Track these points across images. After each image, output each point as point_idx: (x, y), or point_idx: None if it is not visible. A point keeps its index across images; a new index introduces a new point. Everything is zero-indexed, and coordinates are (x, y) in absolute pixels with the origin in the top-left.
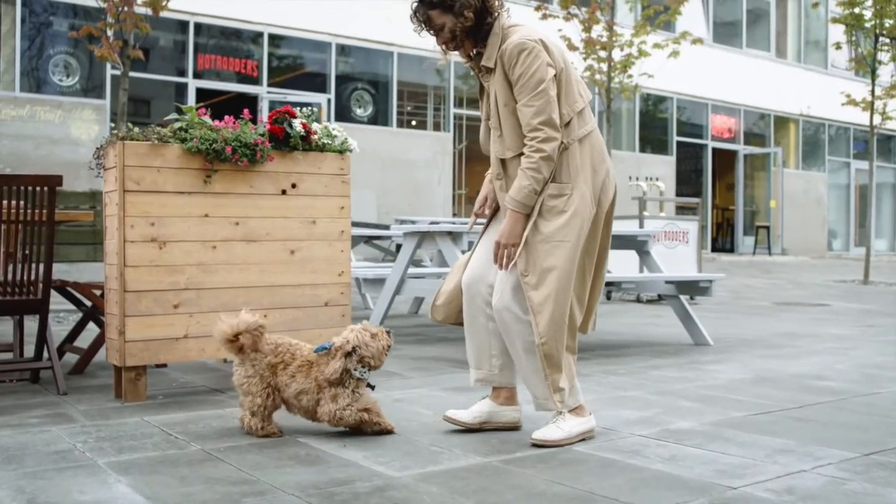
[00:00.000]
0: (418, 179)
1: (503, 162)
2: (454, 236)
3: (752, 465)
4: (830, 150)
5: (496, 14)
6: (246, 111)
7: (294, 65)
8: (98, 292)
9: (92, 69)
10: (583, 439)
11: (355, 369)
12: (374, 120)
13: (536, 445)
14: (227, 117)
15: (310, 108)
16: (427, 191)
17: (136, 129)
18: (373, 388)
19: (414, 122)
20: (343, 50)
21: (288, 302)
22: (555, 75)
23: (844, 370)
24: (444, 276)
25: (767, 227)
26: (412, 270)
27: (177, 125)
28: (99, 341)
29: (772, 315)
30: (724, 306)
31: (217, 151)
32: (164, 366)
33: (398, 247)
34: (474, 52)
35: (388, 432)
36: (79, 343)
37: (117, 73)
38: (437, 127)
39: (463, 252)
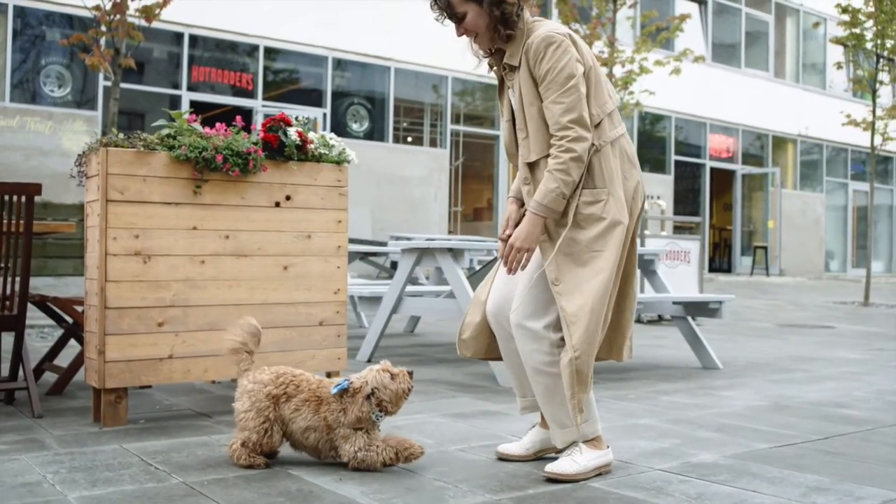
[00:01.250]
0: (414, 196)
1: (530, 166)
2: (455, 253)
3: None
4: (828, 170)
5: (522, 7)
6: (238, 118)
7: (290, 79)
8: (79, 308)
9: (84, 80)
10: (599, 474)
11: (371, 412)
12: (370, 135)
13: (549, 480)
14: (218, 124)
15: (306, 117)
16: (423, 208)
17: (122, 136)
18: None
19: (410, 139)
20: (339, 64)
21: (280, 321)
22: (584, 73)
23: (865, 398)
24: (443, 294)
25: (765, 248)
26: (410, 288)
27: (164, 132)
28: (79, 360)
29: (777, 337)
30: (727, 328)
31: (207, 160)
32: (149, 386)
33: (394, 264)
34: (494, 48)
35: (421, 454)
36: (59, 361)
37: (109, 83)
38: (433, 143)
39: (464, 270)
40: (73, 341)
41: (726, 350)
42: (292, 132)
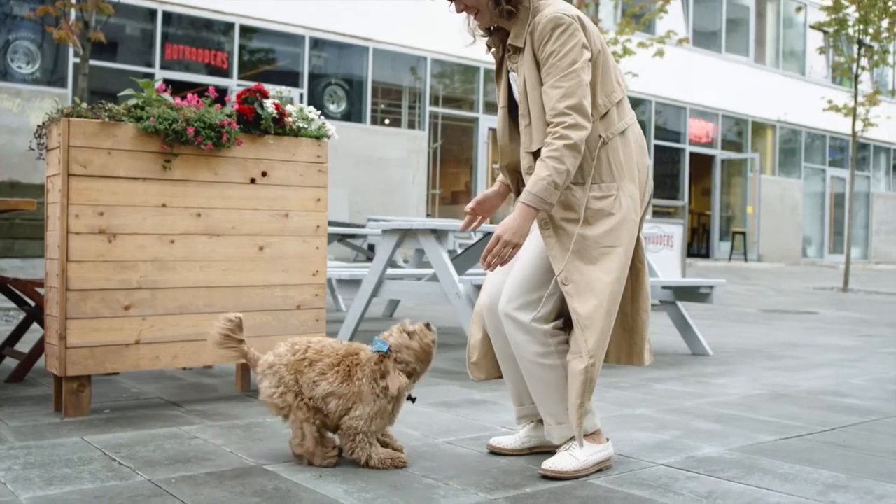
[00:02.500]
0: (392, 178)
1: (534, 156)
2: (438, 234)
3: None
4: (806, 157)
5: None
6: (211, 89)
7: (266, 59)
8: (41, 290)
9: (54, 57)
10: (599, 469)
11: (409, 387)
12: (347, 117)
13: (546, 477)
14: (189, 95)
15: (283, 90)
16: (401, 190)
17: (85, 105)
18: (413, 400)
19: (388, 121)
20: (317, 44)
21: (255, 304)
22: (590, 59)
23: (863, 386)
24: (426, 277)
25: (744, 233)
26: (390, 271)
27: (132, 102)
28: (41, 346)
29: (762, 323)
30: (711, 313)
31: (177, 132)
32: (116, 374)
33: (371, 246)
34: (494, 26)
35: (405, 466)
36: (21, 347)
37: (79, 60)
38: (412, 125)
39: (449, 252)
40: (36, 325)
41: (713, 336)
42: (269, 104)
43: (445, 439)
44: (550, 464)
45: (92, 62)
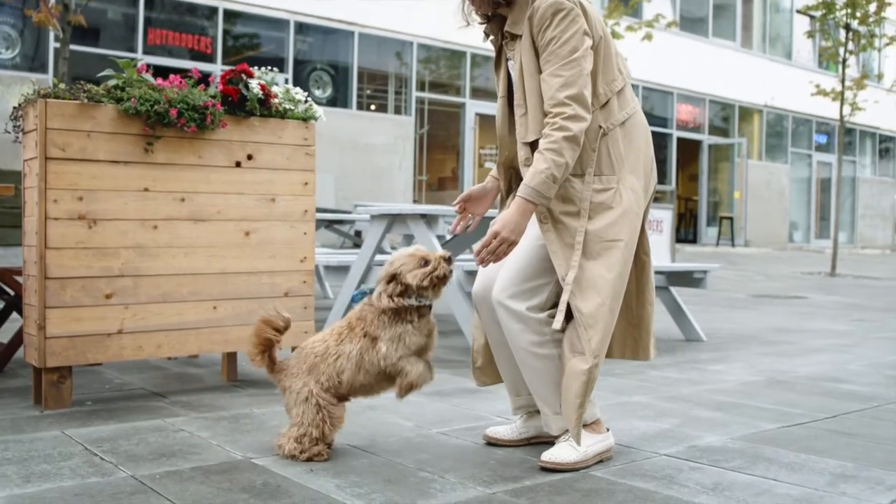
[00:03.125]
0: (378, 164)
1: (531, 147)
2: (428, 219)
3: (818, 498)
4: (793, 142)
5: None
6: (195, 69)
7: (250, 44)
8: (20, 279)
9: (35, 43)
10: (600, 460)
11: (411, 294)
12: (332, 102)
13: (546, 469)
14: (172, 76)
15: (269, 68)
16: (387, 176)
17: (63, 86)
18: (429, 307)
19: (374, 106)
20: (302, 28)
21: (241, 292)
22: (592, 46)
23: (861, 371)
24: None
25: (731, 218)
26: (379, 257)
27: (112, 82)
28: (20, 336)
29: (753, 308)
30: (701, 298)
31: (160, 114)
32: (99, 364)
33: (358, 233)
34: (492, 12)
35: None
36: (0, 337)
37: (59, 44)
38: (398, 111)
39: (438, 237)
40: (15, 315)
41: (705, 322)
42: (254, 85)
43: (440, 430)
44: (550, 455)
45: (73, 47)
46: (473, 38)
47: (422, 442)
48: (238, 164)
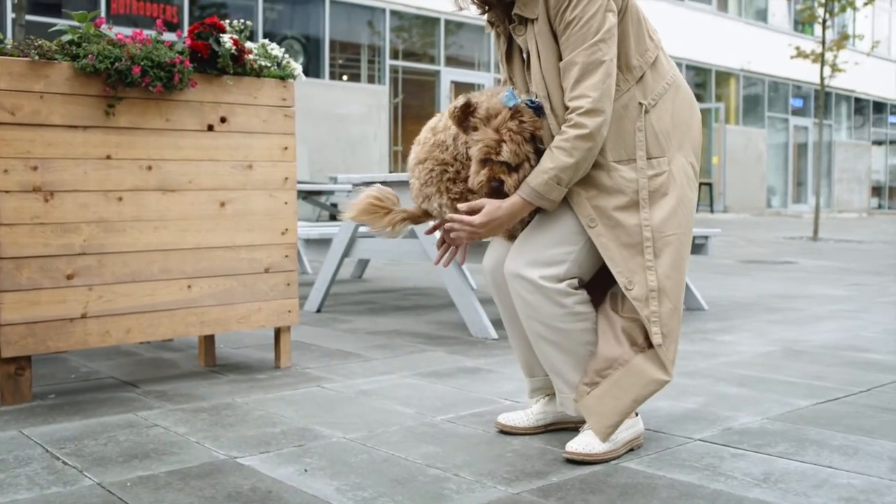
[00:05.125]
0: (353, 135)
1: None
2: None
3: (885, 488)
4: (769, 106)
5: None
6: (159, 22)
7: (218, 13)
8: None
9: None
10: (630, 449)
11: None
12: (304, 72)
13: (573, 461)
14: (134, 31)
15: (242, 22)
16: (362, 147)
17: (10, 41)
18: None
19: (346, 77)
20: None
21: (218, 268)
22: (619, 16)
23: (877, 338)
24: (401, 234)
25: (710, 184)
26: (363, 229)
27: (66, 38)
28: None
29: (744, 274)
30: (691, 265)
31: (121, 73)
32: (63, 351)
33: (334, 205)
34: None
35: None
36: None
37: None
38: (371, 80)
39: None
40: None
41: (702, 289)
42: (226, 39)
43: (444, 417)
44: (576, 445)
45: (32, 18)
46: (446, 4)
47: (426, 432)
48: (210, 128)
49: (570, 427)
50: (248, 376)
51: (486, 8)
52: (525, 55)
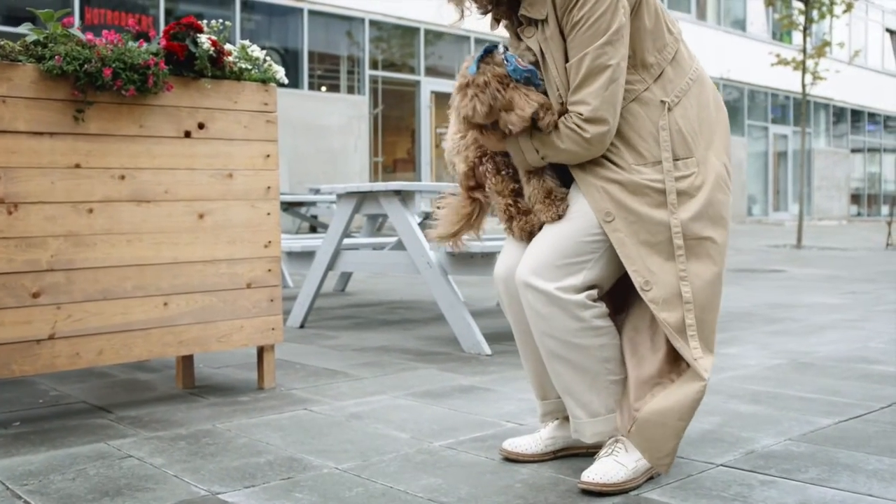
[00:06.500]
0: (333, 146)
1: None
2: (403, 197)
3: None
4: (749, 114)
5: None
6: (132, 21)
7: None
8: None
9: None
10: (650, 477)
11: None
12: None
13: (589, 492)
14: (105, 32)
15: (221, 22)
16: (342, 158)
17: None
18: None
19: (324, 87)
20: (248, 6)
21: (196, 284)
22: (632, 10)
23: (885, 350)
24: (389, 246)
25: None
26: (346, 241)
27: (31, 38)
28: None
29: (735, 283)
30: None
31: (91, 75)
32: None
33: (315, 217)
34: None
35: None
36: None
37: None
38: (351, 90)
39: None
40: None
41: None
42: (204, 40)
43: (443, 442)
44: (592, 474)
45: (5, 29)
46: (426, 14)
47: (425, 461)
48: (187, 135)
49: (583, 453)
50: (230, 399)
51: (489, 7)
52: (536, 57)
